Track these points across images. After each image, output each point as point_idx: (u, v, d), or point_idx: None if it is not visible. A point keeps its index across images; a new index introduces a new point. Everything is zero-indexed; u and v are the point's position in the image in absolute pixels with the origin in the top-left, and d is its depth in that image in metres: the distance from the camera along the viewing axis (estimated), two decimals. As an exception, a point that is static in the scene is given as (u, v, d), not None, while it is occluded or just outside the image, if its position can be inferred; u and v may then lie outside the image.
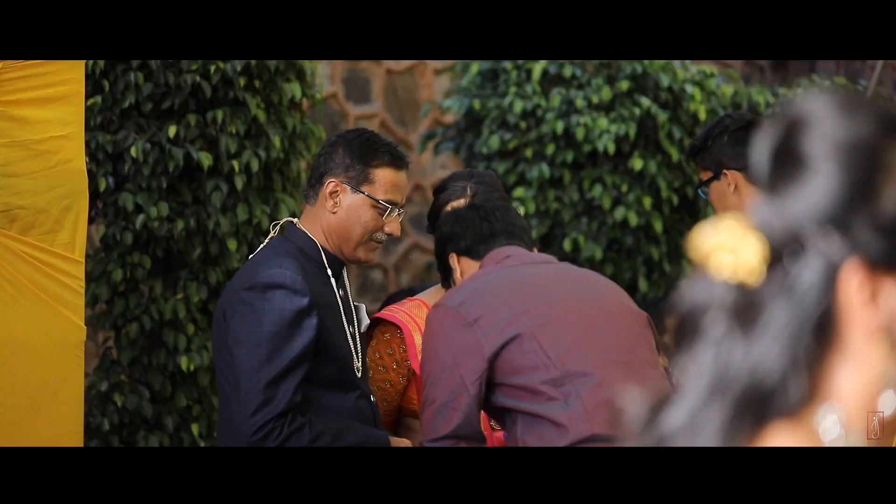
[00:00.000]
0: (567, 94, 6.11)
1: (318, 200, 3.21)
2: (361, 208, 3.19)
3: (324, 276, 3.19)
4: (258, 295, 3.06)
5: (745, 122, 3.95)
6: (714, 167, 3.92)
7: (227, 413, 3.14)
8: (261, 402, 2.99)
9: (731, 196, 3.90)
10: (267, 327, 3.04)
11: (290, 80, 5.01)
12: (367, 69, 7.67)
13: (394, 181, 3.22)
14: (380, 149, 3.22)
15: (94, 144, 4.75)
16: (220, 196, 4.83)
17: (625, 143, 6.05)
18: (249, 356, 3.03)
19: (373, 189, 3.19)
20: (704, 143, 3.95)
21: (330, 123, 7.40)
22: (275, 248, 3.19)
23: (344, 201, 3.19)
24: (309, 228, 3.22)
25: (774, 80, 8.38)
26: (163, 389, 4.90)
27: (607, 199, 6.01)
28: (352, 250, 3.21)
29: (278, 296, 3.06)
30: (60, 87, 3.48)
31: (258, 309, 3.05)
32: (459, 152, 6.39)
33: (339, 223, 3.19)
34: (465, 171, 3.63)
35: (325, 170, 3.21)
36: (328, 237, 3.21)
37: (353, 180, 3.19)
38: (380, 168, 3.20)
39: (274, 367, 3.02)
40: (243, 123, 4.86)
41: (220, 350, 3.16)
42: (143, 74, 4.77)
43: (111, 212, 4.86)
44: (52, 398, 3.46)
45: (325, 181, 3.20)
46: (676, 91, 6.17)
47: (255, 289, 3.07)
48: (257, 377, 3.01)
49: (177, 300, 4.88)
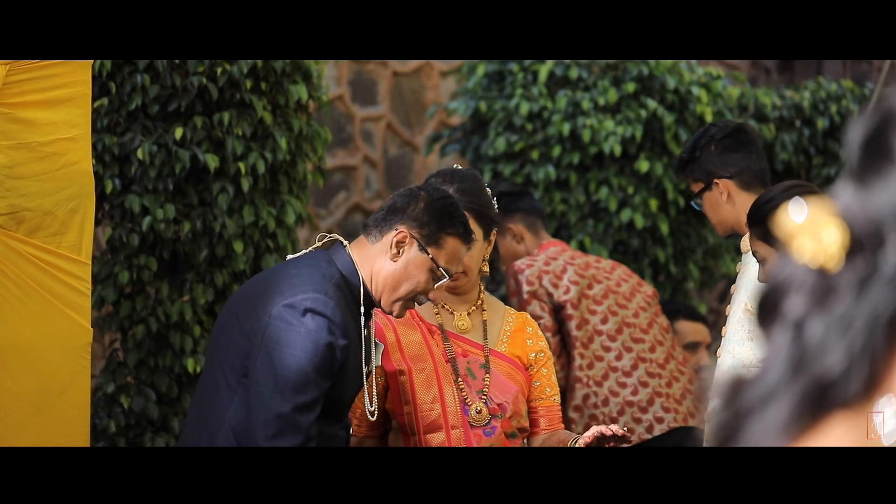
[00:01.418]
0: (573, 95, 6.11)
1: (381, 242, 3.20)
2: (420, 267, 3.19)
3: (356, 311, 3.19)
4: (299, 316, 3.08)
5: (731, 130, 3.94)
6: (704, 177, 3.92)
7: (213, 401, 3.17)
8: (284, 427, 3.03)
9: (725, 204, 3.90)
10: (301, 353, 3.06)
11: (297, 82, 5.01)
12: (374, 71, 7.68)
13: (457, 253, 3.24)
14: (458, 219, 3.23)
15: (100, 146, 4.76)
16: (226, 198, 4.84)
17: (631, 145, 6.05)
18: (278, 375, 3.06)
19: (438, 254, 3.19)
20: (692, 155, 3.95)
21: (336, 125, 7.41)
22: (320, 268, 3.18)
23: (407, 254, 3.18)
24: (358, 261, 3.21)
25: (781, 82, 8.37)
26: (169, 391, 4.91)
27: (613, 201, 6.01)
28: (390, 302, 3.21)
29: (318, 323, 3.07)
30: (67, 89, 3.48)
31: (297, 331, 3.07)
32: (465, 154, 6.39)
33: (393, 273, 3.19)
34: (447, 172, 3.58)
35: (400, 217, 3.20)
36: (375, 279, 3.20)
37: (424, 238, 3.18)
38: (451, 237, 3.21)
39: (302, 396, 3.05)
40: (249, 125, 4.86)
41: (229, 342, 3.17)
42: (149, 76, 4.78)
43: (117, 214, 4.86)
44: (58, 400, 3.46)
45: (395, 227, 3.19)
46: (683, 93, 6.17)
47: (297, 309, 3.08)
48: (284, 400, 3.04)
49: (183, 302, 4.88)
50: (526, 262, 4.64)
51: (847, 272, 0.90)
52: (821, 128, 6.93)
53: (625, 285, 4.73)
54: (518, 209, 4.80)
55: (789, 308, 0.92)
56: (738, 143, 3.90)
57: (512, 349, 3.51)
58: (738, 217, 3.86)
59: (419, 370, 3.39)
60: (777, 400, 0.91)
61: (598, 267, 4.74)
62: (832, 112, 6.99)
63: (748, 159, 3.88)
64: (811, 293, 0.91)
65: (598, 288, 4.66)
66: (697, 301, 6.17)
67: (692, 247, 6.23)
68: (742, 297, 3.81)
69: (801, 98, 7.04)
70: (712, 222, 4.00)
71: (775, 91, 7.24)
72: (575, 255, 4.74)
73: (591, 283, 4.65)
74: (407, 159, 7.79)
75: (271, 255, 5.00)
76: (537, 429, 3.52)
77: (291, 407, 3.03)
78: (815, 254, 0.90)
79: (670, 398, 4.57)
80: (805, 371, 0.90)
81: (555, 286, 4.59)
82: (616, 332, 4.63)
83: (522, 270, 4.59)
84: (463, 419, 3.41)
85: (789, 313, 0.92)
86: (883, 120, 0.92)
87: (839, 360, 0.89)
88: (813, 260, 0.90)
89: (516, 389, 3.46)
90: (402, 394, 3.41)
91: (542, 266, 4.62)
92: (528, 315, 3.67)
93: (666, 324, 4.79)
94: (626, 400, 4.58)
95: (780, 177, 6.94)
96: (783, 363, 0.91)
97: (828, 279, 0.90)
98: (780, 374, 0.91)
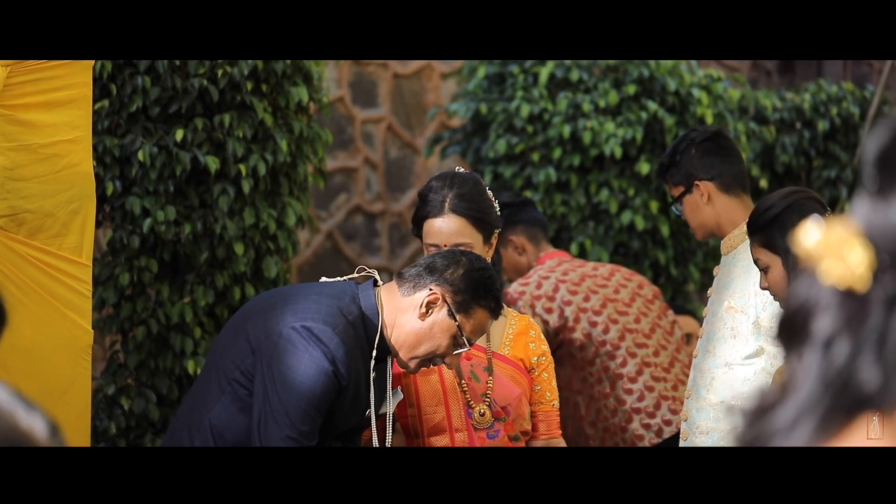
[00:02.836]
0: (574, 97, 6.11)
1: (412, 297, 3.18)
2: (445, 332, 3.17)
3: (367, 353, 3.18)
4: (304, 339, 3.09)
5: (711, 134, 4.02)
6: (685, 180, 3.98)
7: (202, 397, 3.21)
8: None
9: (705, 207, 3.96)
10: (303, 378, 3.08)
11: (297, 84, 5.01)
12: (374, 73, 7.68)
13: (483, 326, 3.22)
14: (492, 293, 3.21)
15: (101, 148, 4.76)
16: (227, 200, 4.84)
17: (631, 147, 6.05)
18: (281, 396, 3.08)
19: (465, 322, 3.17)
20: (673, 160, 4.02)
21: (337, 127, 7.41)
22: (341, 302, 3.17)
23: (435, 316, 3.16)
24: (384, 306, 3.20)
25: (781, 84, 8.37)
26: (170, 393, 4.91)
27: (614, 203, 6.01)
28: (408, 358, 3.20)
29: (321, 352, 3.08)
30: (68, 90, 3.48)
31: (300, 355, 3.08)
32: (466, 156, 6.39)
33: (417, 331, 3.17)
34: (447, 175, 3.55)
35: (437, 279, 3.18)
36: (397, 331, 3.19)
37: (456, 305, 3.16)
38: (482, 309, 3.19)
39: (302, 424, 3.08)
40: (250, 127, 4.86)
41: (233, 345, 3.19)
42: (150, 78, 4.78)
43: (118, 215, 4.87)
44: (59, 401, 3.46)
45: (430, 287, 3.17)
46: (683, 95, 6.17)
47: (304, 332, 3.09)
48: (289, 424, 3.08)
49: (184, 304, 4.88)
50: (518, 290, 4.67)
51: (876, 289, 0.89)
52: (821, 130, 6.93)
53: (623, 291, 4.74)
54: (520, 221, 4.82)
55: (818, 329, 0.91)
56: (717, 146, 3.98)
57: (515, 352, 3.51)
58: (719, 219, 3.93)
59: (423, 373, 3.39)
60: (806, 423, 0.90)
61: (595, 275, 4.75)
62: (833, 114, 6.99)
63: (728, 162, 3.96)
64: (840, 313, 0.90)
65: (596, 299, 4.68)
66: (698, 303, 6.17)
67: (693, 249, 6.24)
68: (724, 297, 3.84)
69: (802, 100, 7.04)
70: (692, 226, 4.04)
71: (776, 93, 7.24)
72: (569, 270, 4.74)
73: (588, 294, 4.68)
74: (408, 161, 7.79)
75: (272, 257, 5.00)
76: (536, 433, 3.53)
77: (297, 433, 3.06)
78: (844, 276, 0.90)
79: (676, 401, 4.58)
80: (836, 389, 0.89)
81: (548, 311, 4.64)
82: (619, 339, 4.64)
83: (515, 301, 4.64)
84: (466, 422, 3.41)
85: (818, 334, 0.91)
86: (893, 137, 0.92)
87: (875, 375, 0.88)
88: (841, 282, 0.90)
89: (519, 392, 3.46)
90: (406, 396, 3.41)
91: (534, 291, 4.65)
92: (530, 318, 3.67)
93: (670, 326, 4.79)
94: (632, 407, 4.60)
95: (780, 178, 6.94)
96: (813, 384, 0.90)
97: (856, 298, 0.90)
98: (809, 396, 0.90)
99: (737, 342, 3.79)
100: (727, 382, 3.77)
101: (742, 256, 3.85)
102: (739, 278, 3.83)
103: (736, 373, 3.78)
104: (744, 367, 3.77)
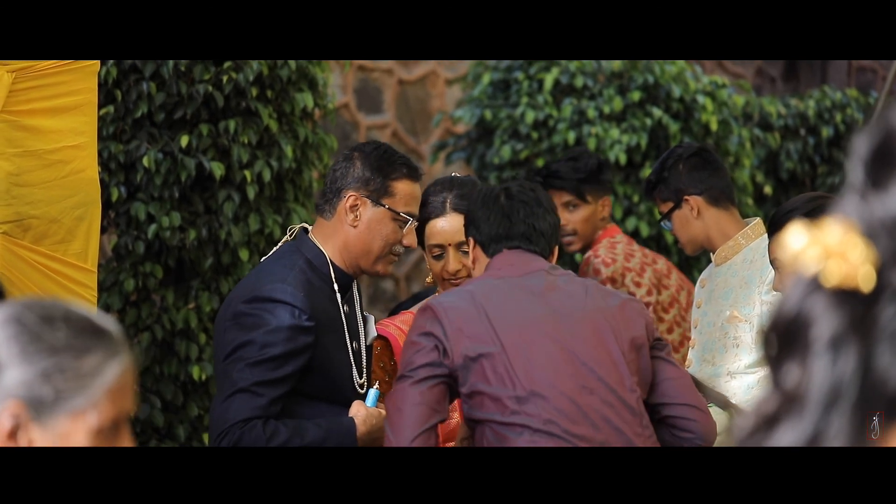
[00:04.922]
0: (578, 104, 6.11)
1: (336, 214, 3.21)
2: (382, 221, 3.20)
3: (330, 290, 3.19)
4: (258, 307, 3.08)
5: (697, 149, 4.05)
6: (674, 196, 4.00)
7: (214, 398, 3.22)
8: (241, 395, 3.04)
9: (695, 221, 3.98)
10: (263, 336, 3.06)
11: (302, 90, 5.02)
12: (379, 79, 7.69)
13: (412, 193, 3.24)
14: (397, 161, 3.23)
15: (106, 154, 4.76)
16: (232, 206, 4.84)
17: (636, 154, 6.05)
18: (241, 358, 3.06)
19: (393, 202, 3.20)
20: (660, 176, 4.03)
21: (342, 133, 7.42)
22: (282, 259, 3.19)
23: (364, 215, 3.19)
24: (320, 241, 3.22)
25: (786, 91, 8.38)
26: (174, 399, 4.91)
27: (619, 209, 6.01)
28: (371, 264, 3.22)
29: (278, 311, 3.07)
30: (73, 96, 3.49)
31: (255, 322, 3.07)
32: (471, 162, 6.40)
33: (359, 237, 3.20)
34: (446, 179, 3.57)
35: (344, 184, 3.21)
36: (344, 251, 3.21)
37: (374, 194, 3.19)
38: (399, 181, 3.21)
39: (262, 374, 3.05)
40: (255, 133, 4.87)
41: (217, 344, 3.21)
42: (155, 84, 4.79)
43: (123, 221, 4.87)
44: (64, 407, 3.46)
45: (343, 195, 3.20)
46: (688, 101, 6.18)
47: (256, 301, 3.09)
48: (243, 377, 3.05)
49: (188, 310, 4.89)
50: (609, 257, 4.55)
51: (881, 285, 0.87)
52: (825, 136, 6.94)
53: (682, 294, 4.71)
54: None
55: (818, 335, 0.88)
56: (704, 161, 4.00)
57: None
58: (709, 232, 3.95)
59: None
60: (826, 430, 0.88)
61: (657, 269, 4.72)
62: (837, 121, 6.99)
63: (715, 176, 3.99)
64: (842, 316, 0.87)
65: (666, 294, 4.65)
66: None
67: (696, 255, 6.23)
68: (724, 307, 3.85)
69: (806, 107, 7.04)
70: (681, 241, 4.04)
71: (780, 100, 7.24)
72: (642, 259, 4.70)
73: None
74: (412, 167, 7.80)
75: (277, 263, 5.01)
76: None
77: (251, 382, 3.03)
78: (848, 275, 0.87)
79: None
80: (852, 393, 0.87)
81: (637, 285, 4.58)
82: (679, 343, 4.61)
83: (609, 265, 4.55)
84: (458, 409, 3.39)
85: (819, 341, 0.88)
86: (887, 133, 0.91)
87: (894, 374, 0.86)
88: (846, 282, 0.87)
89: None
90: None
91: (625, 263, 4.55)
92: None
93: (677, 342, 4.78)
94: None
95: (784, 185, 6.95)
96: (823, 393, 0.88)
97: (858, 298, 0.87)
98: (821, 405, 0.88)
99: (739, 351, 3.79)
100: (729, 392, 3.77)
101: (739, 267, 3.87)
102: (741, 288, 3.84)
103: (739, 381, 3.79)
104: (747, 376, 3.78)
